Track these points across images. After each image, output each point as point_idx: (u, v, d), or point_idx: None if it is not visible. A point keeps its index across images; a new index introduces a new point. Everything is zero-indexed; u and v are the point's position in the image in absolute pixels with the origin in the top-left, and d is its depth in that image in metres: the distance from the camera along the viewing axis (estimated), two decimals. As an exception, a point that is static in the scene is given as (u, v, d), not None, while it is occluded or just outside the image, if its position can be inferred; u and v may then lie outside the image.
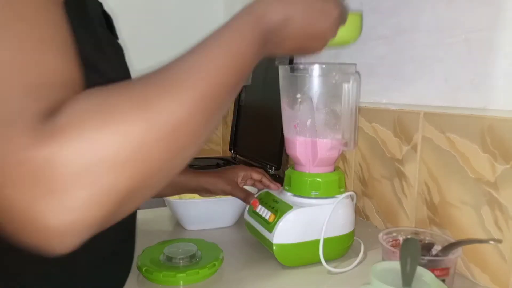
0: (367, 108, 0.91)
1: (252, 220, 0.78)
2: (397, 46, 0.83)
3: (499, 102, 0.62)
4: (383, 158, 0.87)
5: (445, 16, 0.71)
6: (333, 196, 0.73)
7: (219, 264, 0.68)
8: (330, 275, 0.68)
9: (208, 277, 0.66)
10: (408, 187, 0.80)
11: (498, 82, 0.62)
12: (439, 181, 0.72)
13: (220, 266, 0.68)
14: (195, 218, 0.88)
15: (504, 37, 0.61)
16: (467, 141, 0.66)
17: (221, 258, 0.69)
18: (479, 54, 0.65)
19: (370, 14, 0.91)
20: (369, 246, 0.78)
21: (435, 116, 0.73)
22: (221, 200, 0.89)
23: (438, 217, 0.73)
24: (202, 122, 0.34)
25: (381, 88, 0.88)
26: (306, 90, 0.73)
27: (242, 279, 0.66)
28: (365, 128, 0.92)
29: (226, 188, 0.85)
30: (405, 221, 0.81)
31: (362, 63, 0.91)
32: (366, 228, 0.90)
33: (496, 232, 0.62)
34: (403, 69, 0.82)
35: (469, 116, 0.66)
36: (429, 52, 0.75)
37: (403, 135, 0.81)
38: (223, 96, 0.36)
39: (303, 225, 0.70)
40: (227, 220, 0.91)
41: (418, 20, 0.77)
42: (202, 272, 0.65)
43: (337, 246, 0.73)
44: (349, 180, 1.00)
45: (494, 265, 0.62)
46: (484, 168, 0.63)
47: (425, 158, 0.75)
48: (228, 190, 0.85)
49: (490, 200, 0.63)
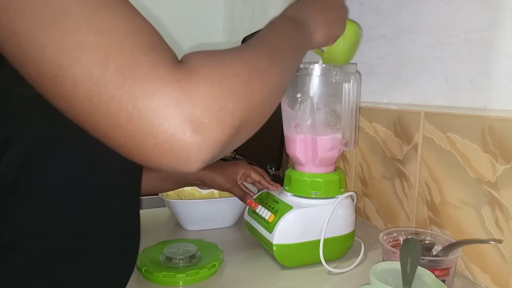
0: (368, 108, 0.91)
1: (252, 220, 0.78)
2: (397, 46, 0.83)
3: (499, 102, 0.62)
4: (384, 158, 0.87)
5: (445, 16, 0.71)
6: (334, 196, 0.73)
7: (219, 264, 0.68)
8: (330, 276, 0.68)
9: (208, 277, 0.66)
10: (409, 187, 0.80)
11: (498, 82, 0.62)
12: (439, 181, 0.72)
13: (220, 267, 0.68)
14: (195, 218, 0.88)
15: (504, 37, 0.61)
16: (467, 141, 0.66)
17: (221, 259, 0.69)
18: (480, 54, 0.65)
19: (370, 14, 0.91)
20: (370, 246, 0.78)
21: (436, 116, 0.73)
22: (221, 200, 0.89)
23: (438, 217, 0.73)
24: (283, 75, 0.47)
25: (381, 88, 0.88)
26: (307, 89, 0.73)
27: (242, 279, 0.66)
28: (365, 128, 0.92)
29: (224, 185, 0.84)
30: (406, 221, 0.81)
31: (363, 63, 0.90)
32: (367, 228, 0.89)
33: (496, 232, 0.62)
34: (403, 69, 0.81)
35: (469, 116, 0.66)
36: (429, 52, 0.75)
37: (403, 135, 0.81)
38: (294, 64, 0.53)
39: (303, 225, 0.70)
40: (227, 220, 0.91)
41: (419, 20, 0.77)
42: (202, 273, 0.65)
43: (338, 247, 0.73)
44: (349, 180, 1.00)
45: (495, 265, 0.62)
46: (484, 168, 0.63)
47: (426, 158, 0.75)
48: (226, 187, 0.84)
49: (490, 200, 0.62)
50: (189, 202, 0.89)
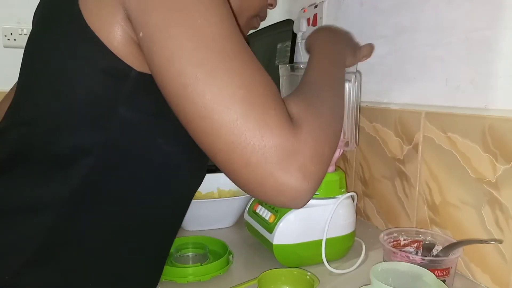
0: (368, 107, 0.91)
1: (252, 220, 0.78)
2: (397, 46, 0.83)
3: (499, 102, 0.62)
4: (384, 158, 0.86)
5: (445, 16, 0.71)
6: (334, 196, 0.73)
7: (228, 265, 0.69)
8: (331, 276, 0.68)
9: (213, 276, 0.66)
10: (409, 187, 0.80)
11: (498, 81, 0.62)
12: (440, 181, 0.72)
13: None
14: (195, 218, 0.88)
15: (504, 37, 0.61)
16: (468, 141, 0.66)
17: (231, 260, 0.71)
18: (480, 53, 0.65)
19: (370, 14, 0.91)
20: (370, 246, 0.78)
21: (436, 116, 0.73)
22: (220, 200, 0.89)
23: (439, 217, 0.73)
24: (339, 111, 0.54)
25: (382, 88, 0.88)
26: (307, 90, 0.73)
27: (242, 279, 0.66)
28: (366, 128, 0.92)
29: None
30: (406, 221, 0.81)
31: (363, 63, 0.90)
32: (367, 229, 0.89)
33: (496, 232, 0.62)
34: (403, 69, 0.81)
35: (470, 116, 0.66)
36: (429, 51, 0.75)
37: (404, 135, 0.81)
38: (340, 104, 0.56)
39: (303, 225, 0.70)
40: (227, 221, 0.91)
41: (419, 20, 0.77)
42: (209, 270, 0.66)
43: (338, 247, 0.73)
44: (350, 180, 1.00)
45: (495, 265, 0.62)
46: (485, 168, 0.63)
47: (426, 158, 0.75)
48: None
49: (490, 200, 0.62)
50: (189, 202, 0.89)
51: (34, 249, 0.46)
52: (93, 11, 0.44)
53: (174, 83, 0.41)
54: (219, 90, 0.40)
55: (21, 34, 1.39)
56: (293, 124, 0.43)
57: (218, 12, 0.42)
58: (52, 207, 0.46)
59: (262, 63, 0.46)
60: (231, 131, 0.40)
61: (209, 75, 0.40)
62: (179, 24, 0.41)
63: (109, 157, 0.47)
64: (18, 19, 1.38)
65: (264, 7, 0.66)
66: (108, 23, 0.44)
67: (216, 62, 0.40)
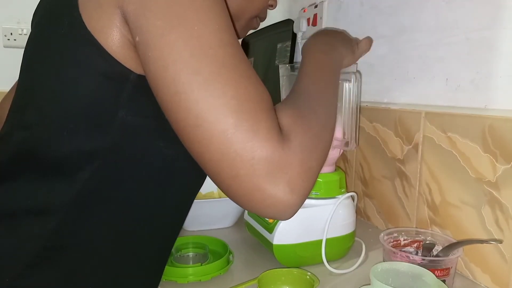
0: (368, 107, 0.91)
1: (252, 220, 0.78)
2: (397, 46, 0.83)
3: (499, 102, 0.62)
4: (384, 158, 0.86)
5: (445, 16, 0.71)
6: (334, 196, 0.73)
7: (228, 265, 0.69)
8: (331, 276, 0.68)
9: (214, 275, 0.66)
10: (409, 187, 0.80)
11: (498, 81, 0.62)
12: (440, 181, 0.72)
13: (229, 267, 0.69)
14: (195, 218, 0.88)
15: (504, 37, 0.61)
16: (468, 141, 0.66)
17: (231, 260, 0.71)
18: (480, 53, 0.65)
19: (370, 14, 0.91)
20: (370, 246, 0.78)
21: (436, 116, 0.73)
22: (220, 200, 0.89)
23: (439, 217, 0.73)
24: (329, 120, 0.53)
25: (382, 88, 0.88)
26: (307, 90, 0.72)
27: (242, 279, 0.66)
28: (366, 128, 0.92)
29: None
30: (406, 222, 0.81)
31: (363, 63, 0.90)
32: (367, 229, 0.89)
33: (497, 232, 0.62)
34: (404, 69, 0.81)
35: (470, 116, 0.66)
36: (429, 51, 0.75)
37: (404, 135, 0.81)
38: (331, 112, 0.55)
39: (303, 225, 0.70)
40: (227, 221, 0.91)
41: (419, 20, 0.77)
42: (209, 270, 0.66)
43: (338, 247, 0.73)
44: (350, 180, 1.00)
45: (495, 265, 0.62)
46: (485, 168, 0.63)
47: (426, 158, 0.75)
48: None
49: (491, 200, 0.62)
50: (189, 202, 0.89)
51: (36, 251, 0.46)
52: (92, 15, 0.44)
53: (168, 90, 0.41)
54: (212, 99, 0.40)
55: (21, 34, 1.39)
56: (283, 136, 0.43)
57: (216, 19, 0.42)
58: (54, 210, 0.46)
59: (262, 63, 0.46)
60: (221, 142, 0.40)
61: (203, 84, 0.40)
62: (176, 30, 0.40)
63: (110, 160, 0.47)
64: (18, 19, 1.38)
65: (265, 8, 0.66)
66: (107, 27, 0.43)
67: (211, 72, 0.40)
